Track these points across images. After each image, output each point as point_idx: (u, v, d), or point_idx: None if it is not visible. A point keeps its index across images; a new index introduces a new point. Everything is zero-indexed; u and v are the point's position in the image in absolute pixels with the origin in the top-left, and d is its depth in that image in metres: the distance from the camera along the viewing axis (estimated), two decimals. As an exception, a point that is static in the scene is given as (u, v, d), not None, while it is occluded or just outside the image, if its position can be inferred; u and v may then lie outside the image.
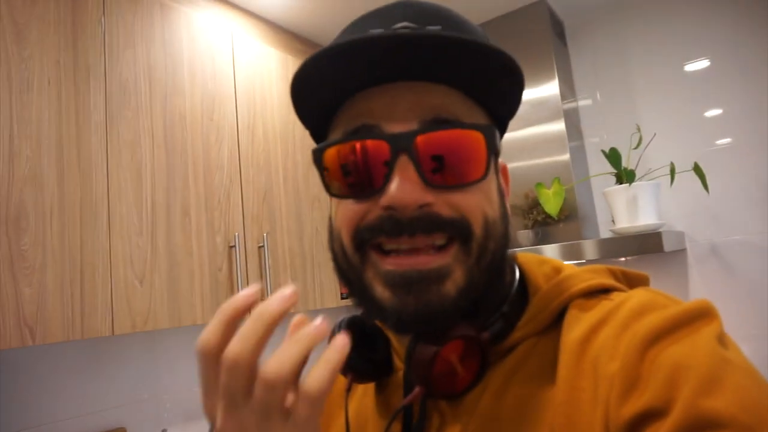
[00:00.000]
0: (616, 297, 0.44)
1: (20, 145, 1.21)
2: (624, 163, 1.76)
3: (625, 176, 1.72)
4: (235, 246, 1.62)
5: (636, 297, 0.42)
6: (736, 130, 1.85)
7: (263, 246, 1.71)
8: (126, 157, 1.41)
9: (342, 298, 2.00)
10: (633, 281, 0.50)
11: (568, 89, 2.13)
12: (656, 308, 0.39)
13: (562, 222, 1.90)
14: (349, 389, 0.50)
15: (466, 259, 0.41)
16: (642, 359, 0.36)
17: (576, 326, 0.42)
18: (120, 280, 1.33)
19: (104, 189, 1.35)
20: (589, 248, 1.71)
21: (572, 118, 2.11)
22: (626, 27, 2.11)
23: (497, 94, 0.45)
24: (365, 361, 0.49)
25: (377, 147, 0.40)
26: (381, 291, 0.42)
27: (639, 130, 1.84)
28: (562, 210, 1.86)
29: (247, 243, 1.68)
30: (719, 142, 1.87)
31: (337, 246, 0.45)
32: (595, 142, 2.13)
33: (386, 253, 0.42)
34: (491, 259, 0.43)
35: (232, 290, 1.58)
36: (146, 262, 1.40)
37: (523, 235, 1.95)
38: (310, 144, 0.47)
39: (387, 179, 0.39)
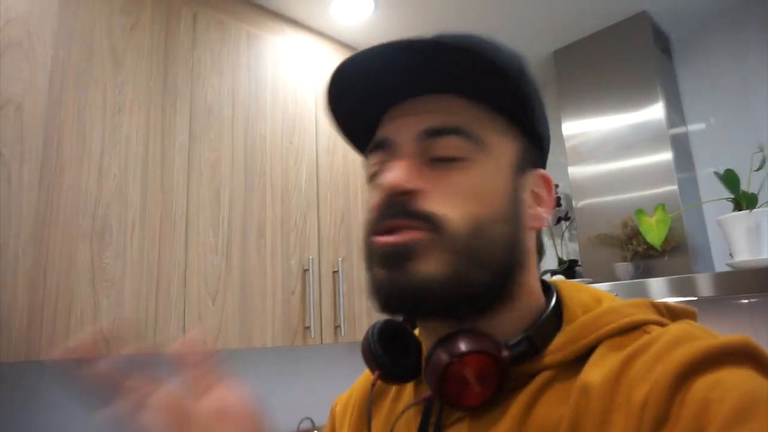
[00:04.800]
0: (654, 330, 0.42)
1: (109, 163, 1.28)
2: (744, 188, 1.53)
3: (744, 201, 1.49)
4: (309, 269, 1.59)
5: (672, 330, 0.41)
6: None
7: (338, 271, 1.67)
8: (206, 177, 1.45)
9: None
10: (678, 317, 0.47)
11: (675, 112, 1.93)
12: (690, 340, 0.38)
13: (668, 254, 1.69)
14: (373, 384, 0.52)
15: (443, 246, 0.43)
16: (673, 394, 0.35)
17: (605, 362, 0.41)
18: (193, 297, 1.34)
19: (184, 207, 1.38)
20: (703, 283, 1.49)
21: (681, 144, 1.90)
22: (745, 39, 1.89)
23: (513, 100, 0.46)
24: (393, 363, 0.50)
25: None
26: (374, 272, 0.45)
27: (762, 149, 1.61)
28: (667, 241, 1.65)
29: (322, 267, 1.65)
30: None
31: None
32: (709, 172, 1.90)
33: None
34: (487, 258, 0.43)
35: (304, 314, 1.55)
36: (220, 281, 1.40)
37: (621, 267, 1.75)
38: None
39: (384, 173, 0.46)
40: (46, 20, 1.23)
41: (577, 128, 2.03)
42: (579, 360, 0.43)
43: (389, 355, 0.50)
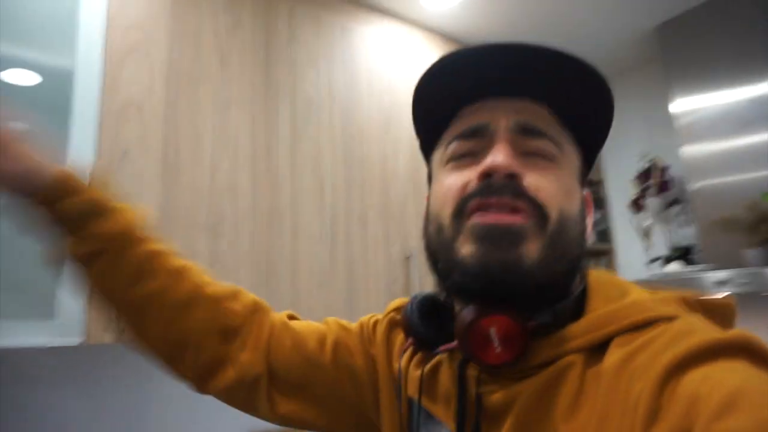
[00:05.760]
0: (666, 325, 0.41)
1: (221, 157, 1.33)
2: None
3: None
4: (411, 257, 1.58)
5: (674, 326, 0.40)
6: None
7: (438, 260, 1.64)
8: (309, 168, 1.47)
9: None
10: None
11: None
12: (688, 336, 0.37)
13: (806, 237, 1.52)
14: (405, 350, 0.56)
15: (541, 234, 0.45)
16: (663, 389, 0.35)
17: (615, 357, 0.41)
18: (302, 285, 1.36)
19: (289, 198, 1.41)
20: None
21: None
22: None
23: (588, 117, 0.50)
24: (428, 330, 0.53)
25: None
26: (467, 249, 0.45)
27: None
28: (805, 222, 1.49)
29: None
30: None
31: (433, 227, 0.51)
32: None
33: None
34: (567, 251, 0.46)
35: (407, 304, 1.54)
36: (325, 269, 1.42)
37: (751, 254, 1.59)
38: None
39: (486, 155, 0.48)
40: (160, 23, 1.30)
41: (688, 105, 1.88)
42: (596, 353, 0.43)
43: (426, 325, 0.54)
